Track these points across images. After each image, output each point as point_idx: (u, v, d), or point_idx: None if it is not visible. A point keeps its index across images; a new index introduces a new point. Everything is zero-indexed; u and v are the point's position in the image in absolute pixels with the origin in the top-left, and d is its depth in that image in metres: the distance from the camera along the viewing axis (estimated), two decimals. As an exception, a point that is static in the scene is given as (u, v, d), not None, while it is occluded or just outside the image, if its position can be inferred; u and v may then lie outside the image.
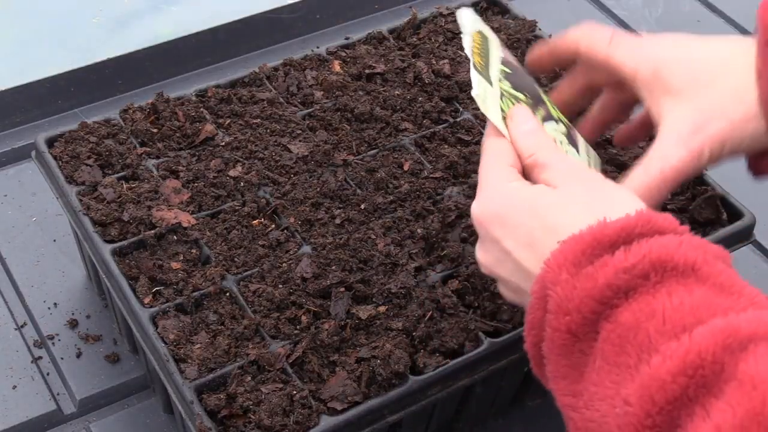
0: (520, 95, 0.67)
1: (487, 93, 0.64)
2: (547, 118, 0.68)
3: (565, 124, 0.70)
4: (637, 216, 0.52)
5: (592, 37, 0.69)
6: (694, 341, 0.45)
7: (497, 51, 0.70)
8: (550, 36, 0.99)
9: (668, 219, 0.53)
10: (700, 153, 0.63)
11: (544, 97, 0.71)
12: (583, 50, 0.69)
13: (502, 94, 0.65)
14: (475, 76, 0.63)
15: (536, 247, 0.56)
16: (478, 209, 0.60)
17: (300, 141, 0.85)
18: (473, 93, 0.62)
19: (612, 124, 0.77)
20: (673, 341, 0.46)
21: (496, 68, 0.67)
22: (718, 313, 0.47)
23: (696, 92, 0.63)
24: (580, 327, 0.50)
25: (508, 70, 0.69)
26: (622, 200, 0.55)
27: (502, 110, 0.64)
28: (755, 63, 0.62)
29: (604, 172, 0.84)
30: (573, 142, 0.69)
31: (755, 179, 0.71)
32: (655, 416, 0.45)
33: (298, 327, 0.71)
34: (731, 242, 0.82)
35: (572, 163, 0.61)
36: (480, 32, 0.69)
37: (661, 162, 0.63)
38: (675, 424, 0.45)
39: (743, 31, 1.25)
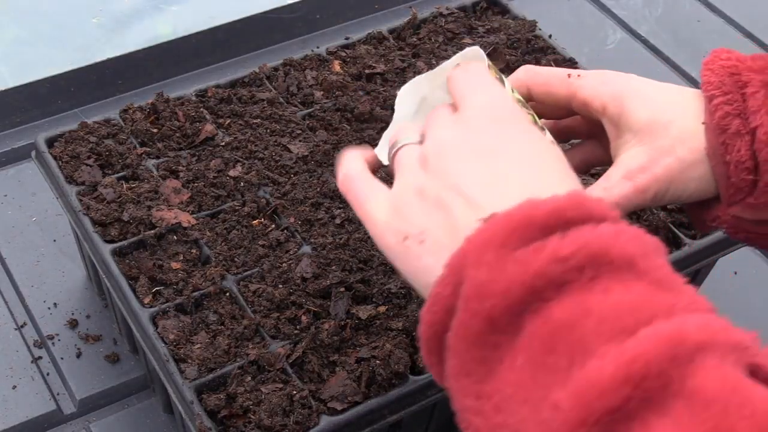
0: None
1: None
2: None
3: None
4: (568, 198, 0.47)
5: (543, 76, 0.69)
6: (639, 347, 0.41)
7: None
8: (550, 36, 0.99)
9: (601, 204, 0.48)
10: (645, 190, 0.64)
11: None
12: (539, 89, 0.69)
13: None
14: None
15: (496, 188, 0.51)
16: (443, 136, 0.54)
17: (300, 141, 0.85)
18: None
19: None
20: (612, 344, 0.42)
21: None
22: (659, 314, 0.43)
23: (654, 132, 0.64)
24: (502, 315, 0.45)
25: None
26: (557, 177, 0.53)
27: None
28: (703, 114, 0.64)
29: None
30: None
31: (700, 232, 0.71)
32: (591, 426, 0.40)
33: (298, 327, 0.71)
34: (731, 242, 0.82)
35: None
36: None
37: (604, 193, 0.64)
38: None
39: (743, 31, 1.25)
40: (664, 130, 0.64)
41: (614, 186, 0.64)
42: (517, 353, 0.45)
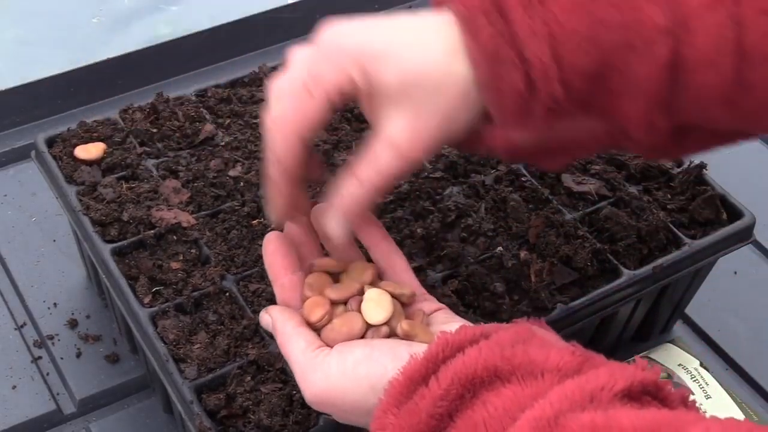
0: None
1: None
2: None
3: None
4: (437, 343, 0.54)
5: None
6: None
7: None
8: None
9: (461, 332, 0.54)
10: (418, 159, 0.58)
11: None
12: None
13: None
14: None
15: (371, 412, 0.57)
16: (308, 397, 0.59)
17: (300, 141, 0.85)
18: None
19: None
20: None
21: None
22: (527, 405, 0.49)
23: (407, 93, 0.56)
24: None
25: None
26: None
27: None
28: (462, 41, 0.55)
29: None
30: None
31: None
32: None
33: (297, 327, 0.71)
34: (731, 242, 0.82)
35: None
36: None
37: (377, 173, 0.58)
38: None
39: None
40: (416, 86, 0.56)
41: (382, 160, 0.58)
42: None
